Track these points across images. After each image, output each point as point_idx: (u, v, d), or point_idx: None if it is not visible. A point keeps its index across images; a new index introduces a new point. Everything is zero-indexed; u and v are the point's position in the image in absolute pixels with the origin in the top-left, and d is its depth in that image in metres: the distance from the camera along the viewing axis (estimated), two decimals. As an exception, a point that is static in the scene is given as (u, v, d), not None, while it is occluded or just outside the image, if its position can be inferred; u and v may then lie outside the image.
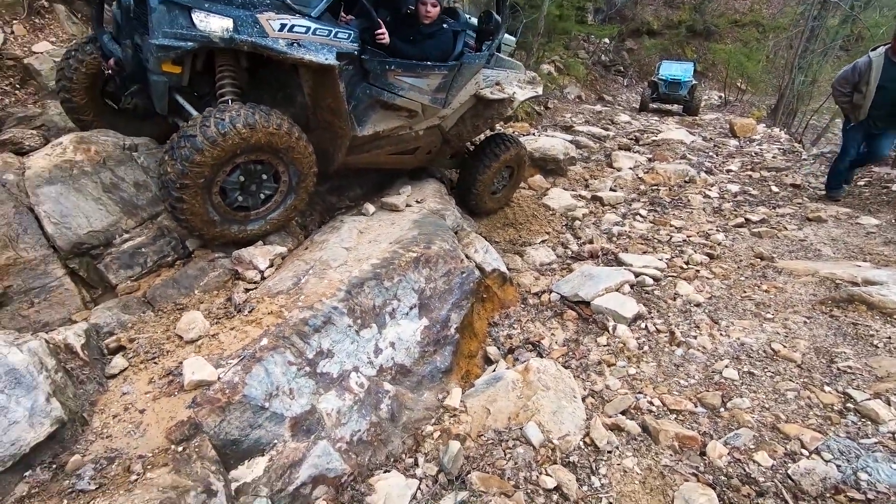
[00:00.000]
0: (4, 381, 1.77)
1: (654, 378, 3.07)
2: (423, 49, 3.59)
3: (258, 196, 3.04)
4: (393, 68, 3.36)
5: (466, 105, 4.07)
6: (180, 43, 2.57)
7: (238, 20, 2.63)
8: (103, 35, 3.11)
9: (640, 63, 20.68)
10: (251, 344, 2.32)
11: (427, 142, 4.07)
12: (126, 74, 2.93)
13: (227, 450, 2.00)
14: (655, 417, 2.72)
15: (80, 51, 3.34)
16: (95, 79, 3.40)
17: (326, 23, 2.94)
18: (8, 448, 1.70)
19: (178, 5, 2.56)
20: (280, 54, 2.75)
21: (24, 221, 2.72)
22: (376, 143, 3.64)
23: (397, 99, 3.48)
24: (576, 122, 10.44)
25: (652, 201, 5.97)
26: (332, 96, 3.09)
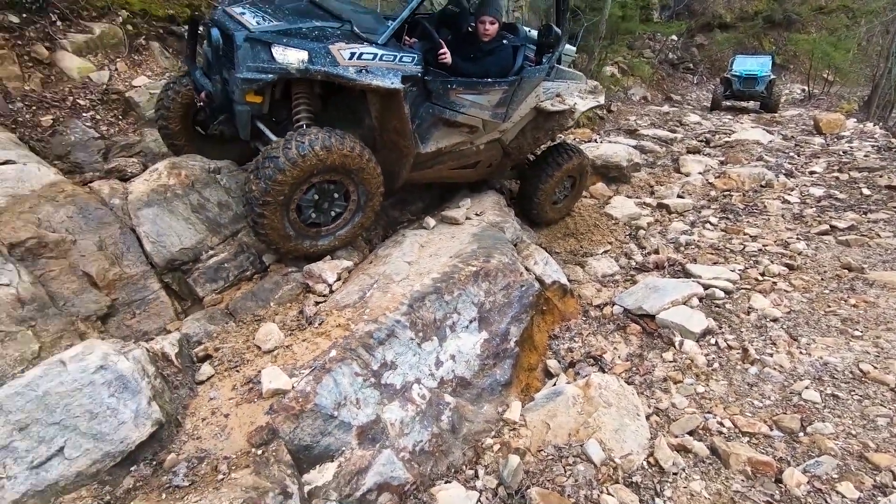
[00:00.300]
0: (115, 386, 2.02)
1: (725, 398, 2.94)
2: (484, 66, 3.67)
3: (329, 213, 3.24)
4: (455, 87, 3.47)
5: (527, 118, 4.10)
6: (262, 75, 2.83)
7: (312, 52, 2.84)
8: (195, 71, 3.45)
9: (712, 59, 19.65)
10: (321, 355, 2.48)
11: (488, 155, 4.13)
12: (215, 106, 3.23)
13: (300, 455, 2.15)
14: (726, 439, 2.60)
15: (176, 84, 3.73)
16: (188, 109, 3.77)
17: (392, 48, 3.10)
18: (118, 445, 1.94)
19: (259, 42, 2.81)
20: (350, 81, 2.94)
21: (127, 241, 3.07)
22: (439, 159, 3.76)
23: (459, 116, 3.59)
24: (640, 126, 10.10)
25: (723, 208, 5.67)
26: (397, 118, 3.25)
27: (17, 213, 2.83)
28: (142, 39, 5.41)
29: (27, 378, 1.95)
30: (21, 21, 4.71)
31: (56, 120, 4.43)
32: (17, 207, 2.88)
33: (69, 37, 4.93)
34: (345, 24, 3.09)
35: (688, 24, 18.60)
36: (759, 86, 13.67)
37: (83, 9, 5.14)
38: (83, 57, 4.96)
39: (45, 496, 1.81)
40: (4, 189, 3.00)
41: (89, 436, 1.91)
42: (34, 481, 1.80)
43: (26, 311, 2.52)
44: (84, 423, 1.92)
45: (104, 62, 5.08)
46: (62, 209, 2.97)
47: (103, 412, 1.96)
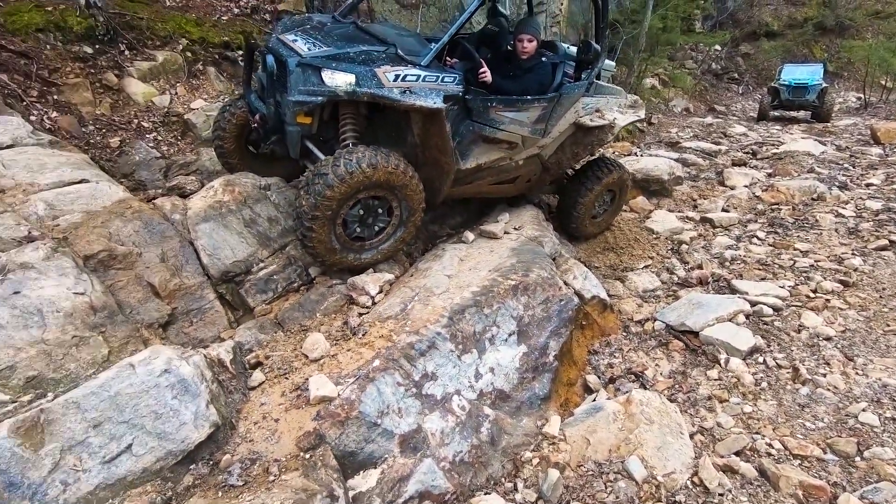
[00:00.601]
0: (177, 389, 2.17)
1: (774, 418, 2.85)
2: (523, 83, 3.74)
3: (373, 228, 3.37)
4: (494, 105, 3.56)
5: (566, 133, 4.14)
6: (312, 98, 3.01)
7: (359, 75, 3.00)
8: (250, 94, 3.68)
9: (758, 68, 19.05)
10: (365, 365, 2.57)
11: (527, 170, 4.18)
12: (269, 127, 3.43)
13: (345, 460, 2.24)
14: (775, 461, 2.52)
15: (232, 106, 3.98)
16: (242, 129, 4.01)
17: (434, 69, 3.22)
18: (179, 444, 2.08)
19: (310, 66, 2.99)
20: (395, 102, 3.08)
21: (186, 254, 3.28)
22: (478, 175, 3.84)
23: (499, 133, 3.67)
24: (682, 138, 9.90)
25: (771, 222, 5.49)
26: (439, 136, 3.36)
27: (91, 228, 3.08)
28: (199, 65, 5.79)
29: (101, 379, 2.12)
30: (94, 51, 5.15)
31: (123, 141, 4.79)
32: (91, 222, 3.14)
33: (135, 64, 5.33)
34: (389, 47, 3.24)
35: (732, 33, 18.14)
36: (810, 95, 13.14)
37: (148, 38, 5.55)
38: (147, 83, 5.35)
39: (114, 489, 1.95)
40: (80, 205, 3.28)
41: (154, 435, 2.06)
42: (105, 475, 1.95)
43: (98, 318, 2.73)
44: (150, 422, 2.07)
45: (166, 87, 5.46)
46: (130, 224, 3.21)
47: (167, 413, 2.10)
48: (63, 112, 4.62)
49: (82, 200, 3.32)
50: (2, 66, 4.47)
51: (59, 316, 2.61)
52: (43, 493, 1.84)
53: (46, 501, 1.83)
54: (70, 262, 2.81)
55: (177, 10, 6.24)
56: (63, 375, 2.47)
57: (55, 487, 1.86)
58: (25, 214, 3.09)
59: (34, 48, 4.79)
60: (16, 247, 2.81)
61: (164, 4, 6.27)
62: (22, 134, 3.92)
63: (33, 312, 2.56)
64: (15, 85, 4.42)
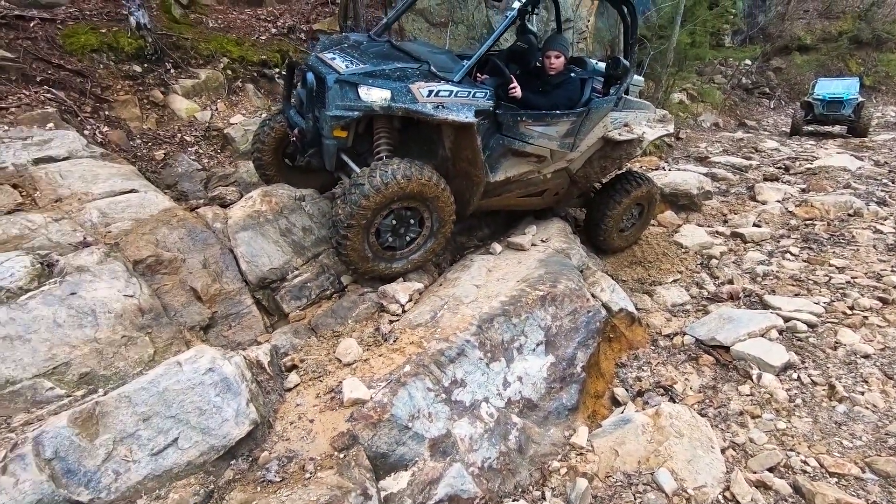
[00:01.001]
0: (220, 386, 2.27)
1: (809, 435, 2.79)
2: (552, 98, 3.82)
3: (405, 238, 3.47)
4: (524, 119, 3.64)
5: (594, 147, 4.18)
6: (349, 113, 3.15)
7: (395, 91, 3.13)
8: (290, 110, 3.86)
9: (790, 83, 18.71)
10: (396, 370, 2.64)
11: (555, 184, 4.24)
12: (307, 141, 3.59)
13: (377, 462, 2.29)
14: (811, 479, 2.48)
15: (271, 121, 4.17)
16: (280, 143, 4.19)
17: (466, 85, 3.33)
18: (221, 440, 2.18)
19: (348, 83, 3.14)
20: (428, 116, 3.20)
21: (226, 260, 3.43)
22: (507, 188, 3.92)
23: (528, 146, 3.74)
24: (712, 153, 9.78)
25: (805, 238, 5.38)
26: (470, 149, 3.46)
27: (140, 234, 3.26)
28: (238, 82, 6.06)
29: (150, 376, 2.24)
30: (143, 70, 5.46)
31: (167, 154, 5.04)
32: (140, 229, 3.32)
33: (180, 82, 5.63)
34: (423, 64, 3.36)
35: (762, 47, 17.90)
36: (846, 109, 12.85)
37: (192, 57, 5.86)
38: (190, 99, 5.63)
39: (161, 480, 2.06)
40: (129, 214, 3.47)
41: (198, 430, 2.16)
42: (153, 467, 2.06)
43: (145, 320, 2.88)
44: (194, 418, 2.18)
45: (207, 103, 5.74)
46: (175, 231, 3.38)
47: (210, 409, 2.21)
48: (113, 127, 4.91)
49: (132, 209, 3.52)
50: (60, 84, 4.78)
51: (110, 316, 2.77)
52: (97, 481, 1.95)
53: (100, 489, 1.95)
54: (121, 267, 2.98)
55: (219, 30, 6.57)
56: (112, 373, 2.62)
57: (108, 476, 1.98)
58: (81, 221, 3.30)
59: (89, 67, 5.12)
60: (72, 251, 3.00)
61: (208, 25, 6.61)
62: (77, 147, 4.18)
63: (87, 313, 2.73)
64: (71, 101, 4.73)
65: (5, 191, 3.50)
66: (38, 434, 1.94)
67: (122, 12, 5.62)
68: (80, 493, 1.91)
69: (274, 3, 7.69)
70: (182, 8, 6.53)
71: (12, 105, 4.37)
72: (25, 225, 3.15)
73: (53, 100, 4.63)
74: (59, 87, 4.76)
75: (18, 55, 4.70)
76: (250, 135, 5.28)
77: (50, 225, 3.19)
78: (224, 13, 7.08)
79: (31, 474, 1.86)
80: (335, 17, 7.21)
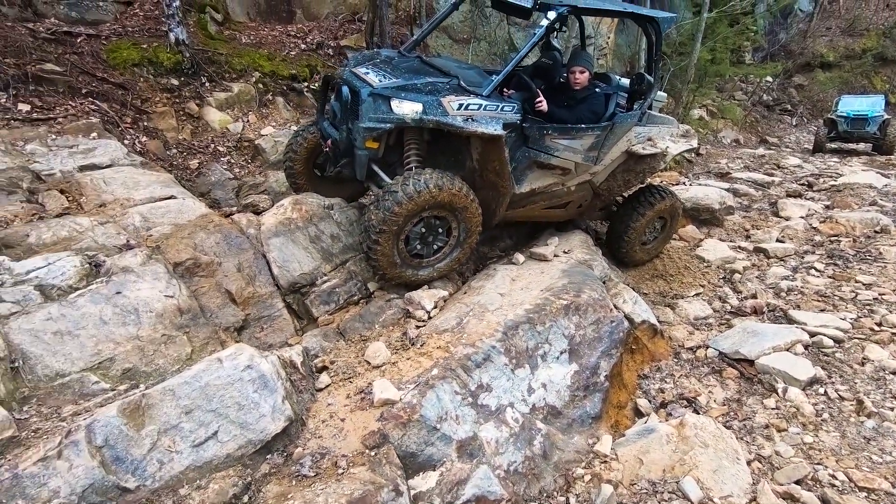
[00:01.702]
0: (257, 383, 2.37)
1: (837, 450, 2.78)
2: (577, 112, 3.91)
3: (432, 246, 3.57)
4: (550, 132, 3.73)
5: (618, 161, 4.24)
6: (381, 125, 3.27)
7: (426, 104, 3.25)
8: (323, 121, 4.00)
9: (812, 100, 18.55)
10: (424, 373, 2.71)
11: (578, 196, 4.31)
12: (339, 151, 3.72)
13: (406, 461, 2.35)
14: (839, 492, 2.46)
15: (304, 132, 4.33)
16: (311, 153, 4.34)
17: (494, 99, 3.45)
18: (258, 434, 2.27)
19: (381, 96, 3.26)
20: (458, 129, 3.30)
21: (259, 265, 3.55)
22: (531, 199, 4.00)
23: (553, 159, 3.83)
24: (733, 169, 9.75)
25: (830, 254, 5.34)
26: (498, 161, 3.54)
27: (179, 239, 3.41)
28: (269, 95, 6.29)
29: (193, 371, 2.35)
30: (180, 83, 5.70)
31: (201, 163, 5.24)
32: (179, 234, 3.47)
33: (214, 95, 5.86)
34: (452, 78, 3.49)
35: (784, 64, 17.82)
36: (871, 127, 12.70)
37: (226, 72, 6.10)
38: (223, 111, 5.85)
39: (202, 471, 2.14)
40: (169, 219, 3.63)
41: (237, 424, 2.25)
42: (195, 458, 2.15)
43: (183, 320, 3.01)
44: (233, 412, 2.27)
45: (239, 115, 5.96)
46: (212, 236, 3.52)
47: (248, 405, 2.30)
48: (152, 137, 5.13)
49: (171, 214, 3.68)
50: (103, 96, 5.03)
51: (151, 315, 2.90)
52: (143, 469, 2.05)
53: (145, 477, 2.04)
54: (162, 268, 3.12)
55: (251, 46, 6.83)
56: (153, 369, 2.74)
57: (153, 465, 2.07)
58: (124, 225, 3.46)
59: (130, 80, 5.37)
60: (117, 253, 3.15)
61: (241, 41, 6.88)
62: (119, 155, 4.39)
63: (131, 311, 2.86)
64: (113, 112, 4.97)
65: (54, 196, 3.70)
66: (91, 422, 2.05)
67: (162, 29, 5.90)
68: (127, 480, 2.00)
69: (303, 20, 7.96)
70: (217, 25, 6.81)
71: (60, 115, 4.61)
72: (73, 227, 3.32)
73: (97, 111, 4.87)
74: (102, 98, 5.00)
75: (66, 69, 4.96)
76: (280, 146, 5.47)
77: (96, 228, 3.35)
78: (256, 30, 7.35)
79: (83, 460, 1.96)
80: (362, 34, 7.44)
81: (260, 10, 7.72)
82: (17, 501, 1.85)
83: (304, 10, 8.05)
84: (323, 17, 8.07)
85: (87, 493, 1.92)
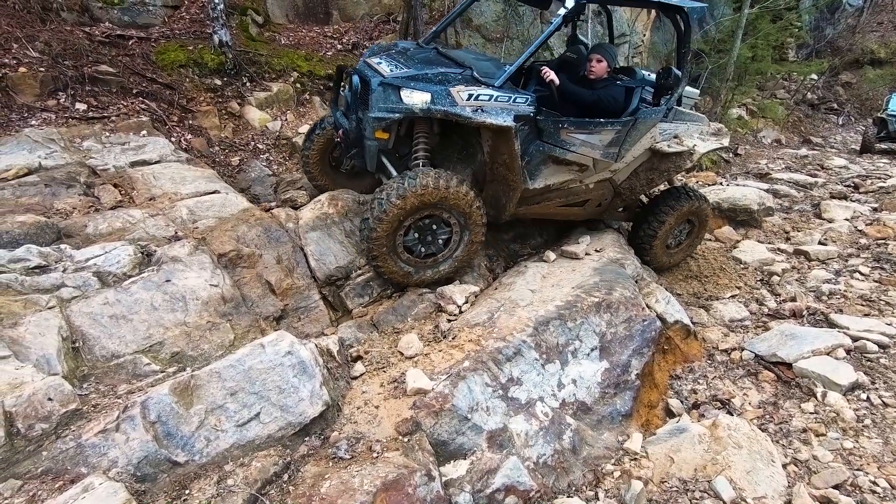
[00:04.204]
0: (297, 369, 2.47)
1: (879, 456, 2.70)
2: (592, 96, 3.77)
3: (437, 243, 3.57)
4: (566, 126, 3.58)
5: (640, 158, 4.09)
6: (390, 115, 3.23)
7: (435, 94, 3.19)
8: (336, 112, 3.99)
9: (861, 98, 17.73)
10: (456, 364, 2.77)
11: (597, 194, 4.16)
12: (350, 141, 3.66)
13: (438, 449, 2.42)
14: (881, 499, 2.40)
15: (322, 124, 4.39)
16: (326, 146, 4.39)
17: (507, 90, 3.33)
18: (297, 417, 2.37)
19: (391, 86, 3.22)
20: (466, 119, 3.21)
21: (297, 258, 3.69)
22: (546, 196, 3.88)
23: (569, 154, 3.68)
24: (773, 169, 9.45)
25: (877, 258, 5.13)
26: (507, 153, 3.43)
27: (223, 231, 3.57)
28: (306, 94, 6.46)
29: (237, 355, 2.47)
30: (223, 83, 5.93)
31: (241, 160, 5.44)
32: (223, 226, 3.64)
33: (254, 94, 6.07)
34: (466, 70, 3.44)
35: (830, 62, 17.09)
36: (924, 126, 12.08)
37: (266, 72, 6.31)
38: (263, 110, 6.05)
39: (245, 450, 2.26)
40: (213, 212, 3.80)
41: (278, 406, 2.36)
42: (238, 437, 2.27)
43: (227, 308, 3.16)
44: (274, 395, 2.38)
45: (277, 114, 6.15)
46: (253, 229, 3.67)
47: (288, 389, 2.41)
48: (196, 134, 5.36)
49: (215, 208, 3.85)
50: (152, 96, 5.28)
51: (198, 303, 3.06)
52: (191, 445, 2.18)
53: (193, 452, 2.17)
54: (208, 259, 3.28)
55: (290, 47, 7.03)
56: (198, 354, 2.89)
57: (200, 441, 2.20)
58: (172, 217, 3.65)
59: (177, 81, 5.62)
60: (167, 243, 3.33)
61: (280, 43, 7.09)
62: (166, 152, 4.61)
63: (179, 298, 3.02)
64: (161, 111, 5.21)
65: (108, 189, 3.92)
66: (145, 399, 2.19)
67: (206, 31, 6.15)
68: (177, 455, 2.14)
69: (339, 21, 8.14)
70: (258, 27, 7.04)
71: (113, 114, 4.87)
72: (126, 219, 3.52)
73: (146, 110, 5.12)
74: (151, 98, 5.26)
75: (119, 70, 5.24)
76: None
77: (147, 220, 3.55)
78: (294, 31, 7.57)
79: (139, 433, 2.10)
80: (396, 34, 7.56)
81: (298, 11, 7.94)
82: (80, 468, 2.00)
83: (340, 11, 8.23)
84: (358, 18, 8.23)
85: (141, 464, 2.05)
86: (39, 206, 3.55)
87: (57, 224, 3.37)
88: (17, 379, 2.21)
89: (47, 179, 3.79)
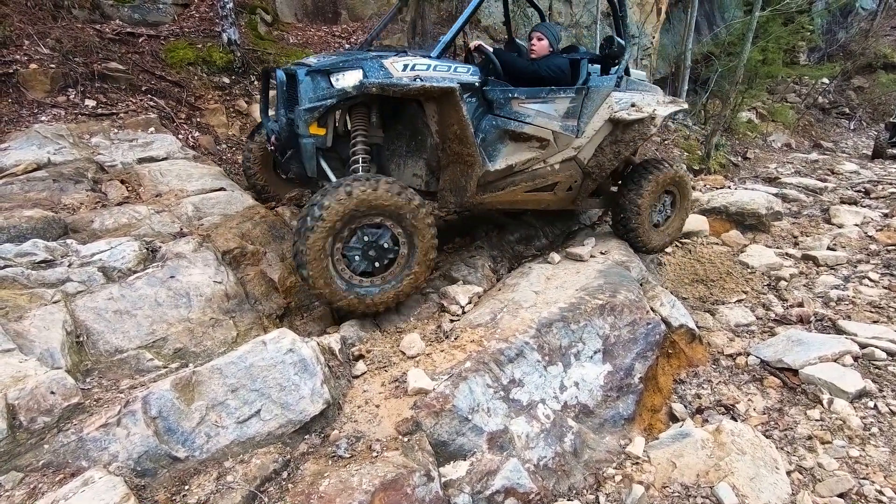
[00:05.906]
0: (298, 366, 2.47)
1: (886, 465, 2.66)
2: (536, 63, 3.70)
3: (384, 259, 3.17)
4: (516, 96, 3.43)
5: (603, 132, 3.90)
6: (321, 102, 2.99)
7: (367, 68, 2.98)
8: (267, 119, 3.81)
9: (873, 103, 17.55)
10: (457, 365, 2.76)
11: (565, 176, 3.94)
12: (281, 144, 3.37)
13: (438, 449, 2.41)
14: (886, 509, 2.36)
15: (256, 133, 4.22)
16: (268, 152, 4.11)
17: (446, 60, 3.19)
18: (298, 415, 2.37)
19: (319, 73, 3.01)
20: (404, 88, 2.99)
21: (301, 256, 3.69)
22: (510, 179, 3.65)
23: (525, 127, 3.51)
24: (782, 174, 9.38)
25: (887, 264, 5.07)
26: (456, 122, 3.18)
27: (228, 228, 3.59)
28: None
29: (239, 352, 2.48)
30: (230, 81, 5.96)
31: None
32: (228, 223, 3.65)
33: (262, 93, 6.08)
34: (402, 51, 3.36)
35: (843, 65, 16.94)
36: (938, 132, 11.93)
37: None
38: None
39: (245, 446, 2.26)
40: (219, 209, 3.82)
41: (278, 404, 2.36)
42: (239, 433, 2.27)
43: (230, 305, 3.17)
44: (275, 393, 2.38)
45: (285, 112, 6.16)
46: (258, 227, 3.69)
47: (289, 386, 2.41)
48: (203, 132, 5.38)
49: (220, 205, 3.87)
50: (161, 93, 5.32)
51: (201, 300, 3.07)
52: (192, 441, 2.18)
53: (194, 448, 2.17)
54: (212, 255, 3.29)
55: (298, 46, 7.06)
56: (201, 350, 2.90)
57: (201, 437, 2.20)
58: (178, 214, 3.67)
59: (185, 78, 5.65)
60: (172, 240, 3.35)
61: (288, 42, 7.12)
62: (174, 149, 4.64)
63: (183, 295, 3.04)
64: (169, 109, 5.24)
65: (115, 186, 3.95)
66: (147, 395, 2.20)
67: (215, 30, 6.18)
68: (178, 450, 2.14)
69: (348, 20, 8.16)
70: (266, 25, 7.08)
71: (121, 111, 4.91)
72: (132, 215, 3.54)
73: (154, 107, 5.15)
74: (160, 95, 5.29)
75: (128, 67, 5.27)
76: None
77: (152, 216, 3.57)
78: (303, 30, 7.59)
79: (140, 428, 2.11)
80: (404, 34, 7.57)
81: (307, 11, 7.97)
82: (81, 462, 2.01)
83: (348, 11, 8.25)
84: (367, 18, 8.25)
85: (141, 459, 2.06)
86: (47, 202, 3.58)
87: (64, 219, 3.40)
88: (21, 372, 2.22)
89: (55, 175, 3.83)
